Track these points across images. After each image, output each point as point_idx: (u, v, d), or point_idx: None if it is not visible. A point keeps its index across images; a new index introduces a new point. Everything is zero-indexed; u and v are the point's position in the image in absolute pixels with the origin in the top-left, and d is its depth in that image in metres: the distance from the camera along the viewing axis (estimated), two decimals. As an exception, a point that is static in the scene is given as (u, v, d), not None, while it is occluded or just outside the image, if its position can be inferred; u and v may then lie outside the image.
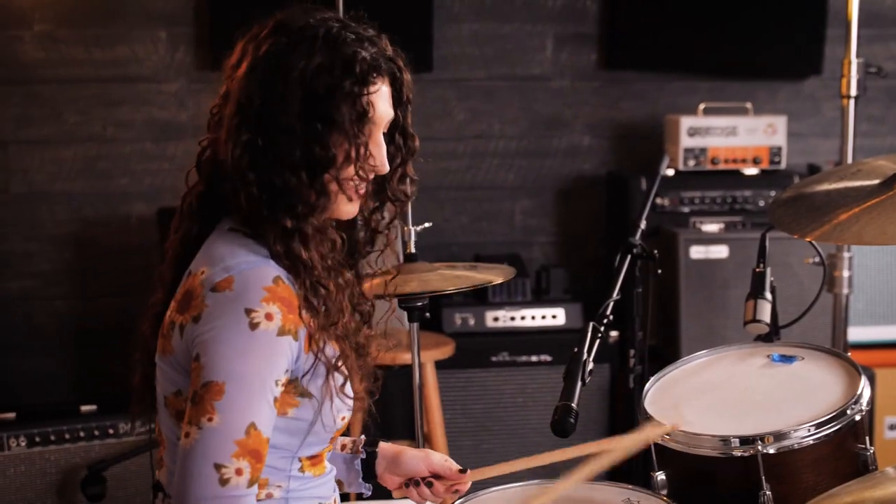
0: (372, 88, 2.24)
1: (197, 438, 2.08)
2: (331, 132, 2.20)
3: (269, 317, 2.10)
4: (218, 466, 2.06)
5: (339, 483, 2.59)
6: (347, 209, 2.30)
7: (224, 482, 2.06)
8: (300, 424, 2.23)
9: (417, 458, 2.63)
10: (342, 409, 2.28)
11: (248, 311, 2.10)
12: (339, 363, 2.25)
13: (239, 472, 2.07)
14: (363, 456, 2.62)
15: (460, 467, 2.63)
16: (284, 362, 2.13)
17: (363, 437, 2.66)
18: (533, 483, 2.88)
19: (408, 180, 2.43)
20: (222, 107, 2.27)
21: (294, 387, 2.20)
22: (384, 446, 2.64)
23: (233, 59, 2.27)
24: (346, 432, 2.53)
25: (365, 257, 2.45)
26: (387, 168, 2.32)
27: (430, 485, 2.60)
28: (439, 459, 2.63)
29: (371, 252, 2.45)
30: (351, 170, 2.24)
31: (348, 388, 2.29)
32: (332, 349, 2.24)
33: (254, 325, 2.09)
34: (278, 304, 2.12)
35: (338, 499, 2.43)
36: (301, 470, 2.29)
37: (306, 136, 2.19)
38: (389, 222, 2.44)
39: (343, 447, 2.64)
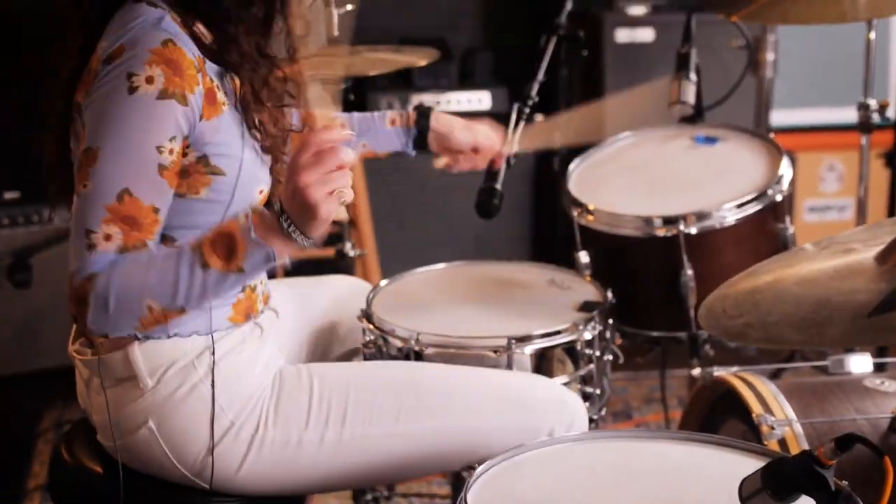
0: None
1: (75, 206, 2.05)
2: None
3: (149, 80, 2.04)
4: (88, 232, 2.02)
5: (393, 153, 2.79)
6: None
7: (90, 247, 2.02)
8: (216, 204, 2.20)
9: (464, 137, 2.78)
10: (260, 182, 2.26)
11: (130, 76, 2.05)
12: (265, 143, 2.22)
13: (108, 237, 2.02)
14: (416, 131, 2.76)
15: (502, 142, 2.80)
16: (168, 128, 2.07)
17: (414, 107, 2.78)
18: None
19: None
20: None
21: (204, 164, 2.16)
22: (436, 121, 2.76)
23: None
24: None
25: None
26: None
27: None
28: (484, 135, 2.78)
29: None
30: None
31: (267, 167, 2.27)
32: (256, 133, 2.22)
33: (132, 90, 2.04)
34: (162, 67, 2.05)
35: (264, 277, 2.42)
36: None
37: None
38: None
39: (392, 122, 2.75)
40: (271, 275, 2.49)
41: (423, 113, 2.75)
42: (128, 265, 2.03)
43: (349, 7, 3.38)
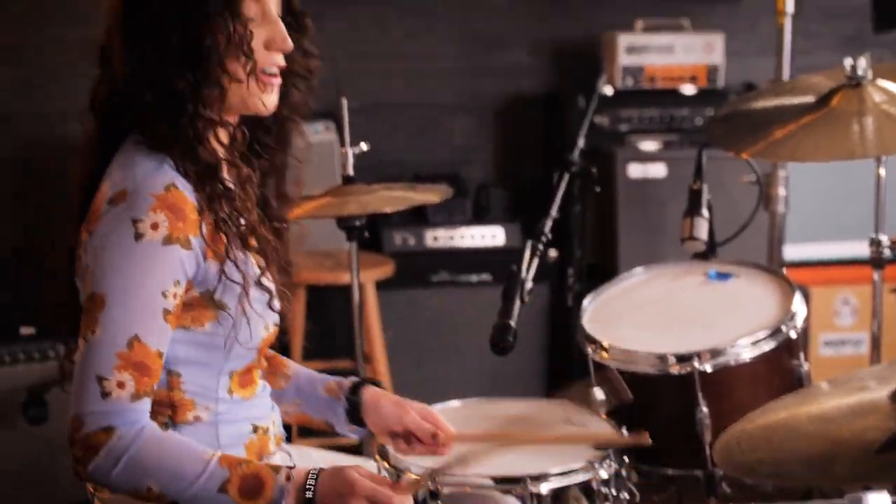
0: None
1: (83, 351, 2.08)
2: (205, 20, 2.16)
3: (154, 226, 2.09)
4: (100, 379, 2.06)
5: (328, 425, 2.51)
6: (263, 100, 2.25)
7: (105, 395, 2.05)
8: (220, 337, 2.21)
9: (393, 413, 2.48)
10: (266, 319, 2.27)
11: (135, 222, 2.09)
12: (261, 274, 2.24)
13: (121, 385, 2.06)
14: (345, 405, 2.49)
15: (436, 430, 2.45)
16: (174, 273, 2.11)
17: (352, 378, 2.54)
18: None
19: (311, 57, 2.36)
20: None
21: (208, 299, 2.18)
22: (368, 393, 2.49)
23: None
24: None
25: (285, 155, 2.39)
26: (290, 44, 2.25)
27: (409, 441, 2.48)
28: (413, 418, 2.47)
29: (287, 147, 2.39)
30: (240, 54, 2.19)
31: (274, 302, 2.28)
32: (251, 261, 2.24)
33: (138, 236, 2.08)
34: (166, 213, 2.10)
35: (276, 418, 2.40)
36: (230, 392, 2.27)
37: (180, 30, 2.16)
38: (296, 109, 2.40)
39: (330, 390, 2.51)
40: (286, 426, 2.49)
41: (357, 385, 2.51)
42: (156, 441, 2.09)
43: (363, 146, 3.42)
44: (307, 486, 2.10)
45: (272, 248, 2.30)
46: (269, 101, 2.26)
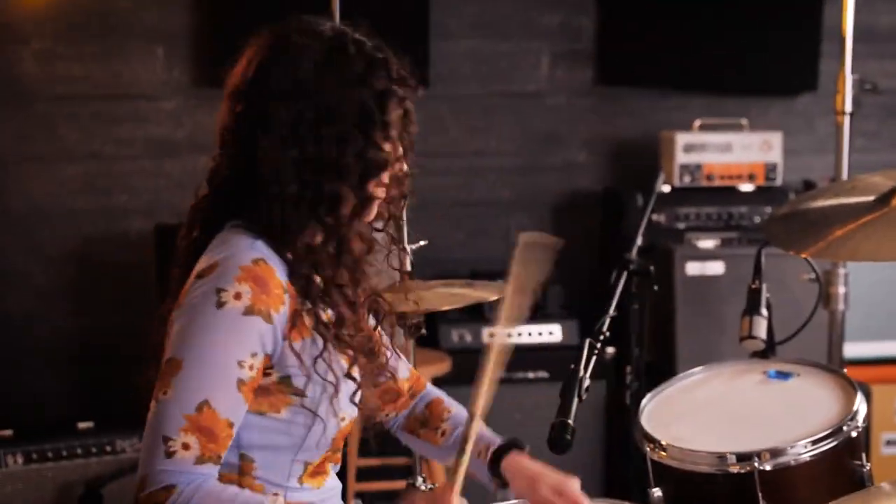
0: (407, 90, 2.29)
1: (153, 412, 2.10)
2: (385, 135, 2.27)
3: (237, 296, 2.11)
4: (165, 439, 2.07)
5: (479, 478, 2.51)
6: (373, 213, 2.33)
7: (169, 455, 2.06)
8: (296, 426, 2.23)
9: (524, 488, 2.53)
10: (342, 410, 2.28)
11: (219, 291, 2.11)
12: (352, 371, 2.26)
13: (186, 446, 2.07)
14: (488, 473, 2.53)
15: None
16: (252, 344, 2.13)
17: (497, 442, 2.60)
18: None
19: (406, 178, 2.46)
20: (246, 125, 2.24)
21: (287, 384, 2.20)
22: (507, 464, 2.55)
23: (247, 75, 2.25)
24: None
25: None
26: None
27: None
28: (543, 496, 2.50)
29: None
30: (396, 171, 2.29)
31: (357, 396, 2.30)
32: (340, 357, 2.25)
33: (220, 304, 2.11)
34: (250, 284, 2.12)
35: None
36: (300, 481, 2.28)
37: (363, 141, 2.23)
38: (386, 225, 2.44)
39: (479, 453, 2.54)
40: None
41: (500, 451, 2.59)
42: (212, 495, 2.08)
43: (422, 243, 3.44)
44: None
45: (363, 345, 2.33)
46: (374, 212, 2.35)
